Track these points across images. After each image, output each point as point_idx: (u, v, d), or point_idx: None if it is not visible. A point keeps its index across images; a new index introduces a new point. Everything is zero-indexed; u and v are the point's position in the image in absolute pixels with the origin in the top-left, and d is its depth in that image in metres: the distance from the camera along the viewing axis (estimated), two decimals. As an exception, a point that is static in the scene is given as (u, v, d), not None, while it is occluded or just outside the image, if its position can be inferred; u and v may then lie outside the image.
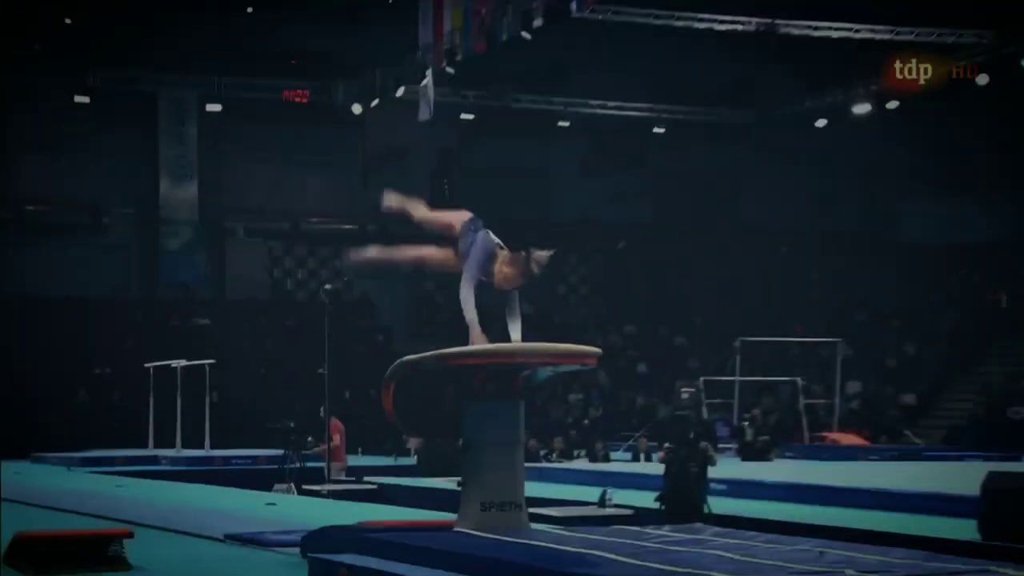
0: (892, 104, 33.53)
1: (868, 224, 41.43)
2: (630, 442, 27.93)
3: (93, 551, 9.78)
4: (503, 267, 8.96)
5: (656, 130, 37.92)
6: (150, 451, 26.59)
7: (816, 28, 30.03)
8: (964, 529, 11.06)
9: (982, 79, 30.51)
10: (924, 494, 13.73)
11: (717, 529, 9.60)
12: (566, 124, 37.34)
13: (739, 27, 29.79)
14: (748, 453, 24.99)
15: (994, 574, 6.61)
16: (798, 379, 32.71)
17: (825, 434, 30.32)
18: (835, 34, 30.36)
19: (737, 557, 7.20)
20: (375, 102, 32.68)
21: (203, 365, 26.51)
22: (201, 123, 36.26)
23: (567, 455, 25.71)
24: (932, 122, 36.14)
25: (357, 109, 33.54)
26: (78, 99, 32.98)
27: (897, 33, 30.04)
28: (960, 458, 24.45)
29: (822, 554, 7.50)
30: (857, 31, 30.29)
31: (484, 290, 8.64)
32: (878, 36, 30.25)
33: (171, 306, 35.53)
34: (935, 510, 12.93)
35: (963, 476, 14.18)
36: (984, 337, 36.69)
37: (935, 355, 36.62)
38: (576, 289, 42.32)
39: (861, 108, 34.66)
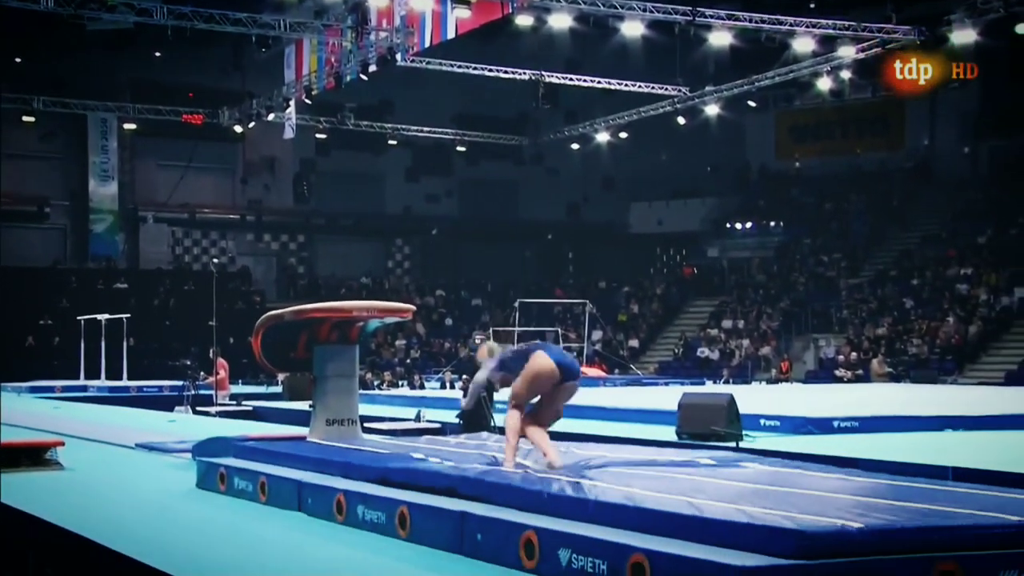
0: (623, 134, 34.13)
1: (606, 219, 42.22)
2: (439, 375, 27.98)
3: (34, 456, 9.55)
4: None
5: (459, 148, 37.89)
6: (81, 382, 25.67)
7: (571, 79, 30.43)
8: (667, 432, 11.37)
9: (681, 120, 31.23)
10: (640, 409, 14.04)
11: (496, 437, 9.69)
12: (394, 142, 37.06)
13: (516, 76, 29.98)
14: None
15: (692, 462, 6.82)
16: (558, 329, 33.21)
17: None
18: (584, 84, 30.81)
19: (502, 455, 7.26)
20: (252, 124, 31.90)
21: (122, 318, 25.67)
22: (120, 138, 35.42)
23: (393, 385, 25.62)
24: (649, 148, 37.04)
25: (238, 129, 32.72)
26: (26, 119, 31.85)
27: (618, 84, 30.55)
28: (666, 384, 25.14)
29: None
30: (599, 82, 30.80)
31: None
32: (612, 87, 30.81)
33: (98, 274, 34.64)
34: (648, 420, 13.25)
35: (667, 396, 14.62)
36: (682, 299, 37.81)
37: (651, 312, 37.58)
38: (401, 264, 42.16)
39: (603, 137, 35.24)
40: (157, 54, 32.22)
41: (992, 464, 8.14)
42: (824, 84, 28.96)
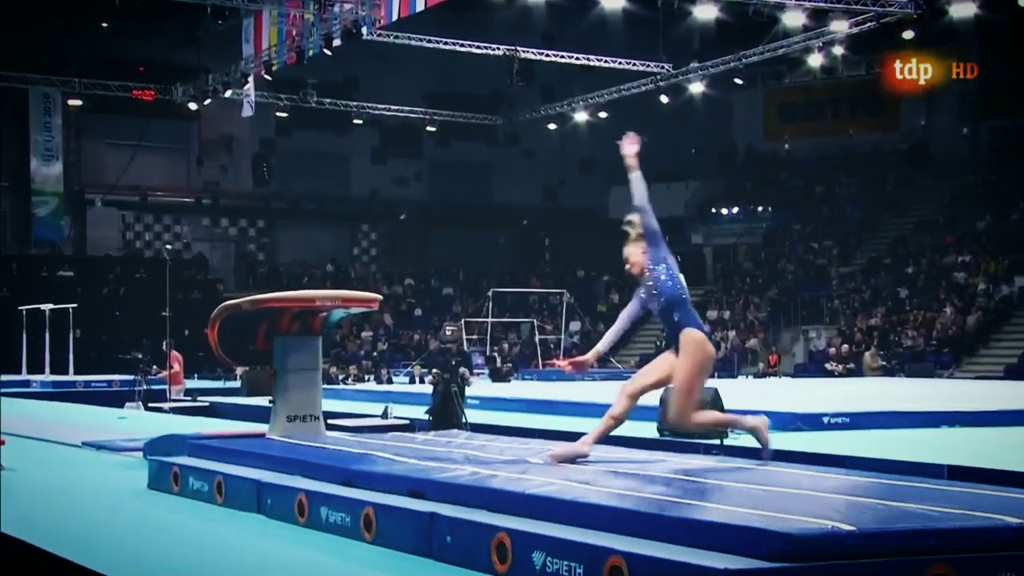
0: (603, 114, 34.15)
1: (585, 204, 42.27)
2: (408, 369, 27.96)
3: (-28, 457, 9.37)
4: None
5: (429, 128, 37.81)
6: (23, 376, 25.44)
7: (548, 55, 30.40)
8: (648, 429, 11.40)
9: (664, 99, 31.24)
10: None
11: (468, 434, 9.73)
12: (360, 122, 36.96)
13: (490, 51, 29.91)
14: (497, 376, 25.28)
15: (674, 460, 6.85)
16: (534, 320, 33.27)
17: (554, 361, 30.82)
18: (561, 60, 30.80)
19: (474, 453, 7.30)
20: (208, 101, 31.71)
21: (68, 309, 25.47)
22: (65, 114, 35.00)
23: (359, 379, 25.59)
24: (630, 129, 36.96)
25: (193, 106, 32.51)
26: (-38, 94, 31.34)
27: (597, 60, 30.55)
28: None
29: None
30: (577, 58, 30.79)
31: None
32: (591, 63, 30.81)
33: (41, 261, 34.30)
34: (628, 416, 13.27)
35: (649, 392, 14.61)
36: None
37: (634, 301, 37.67)
38: (367, 251, 42.08)
39: (581, 116, 35.26)
40: (104, 25, 31.97)
41: (990, 463, 8.23)
42: (815, 61, 29.13)
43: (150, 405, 17.86)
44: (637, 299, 6.95)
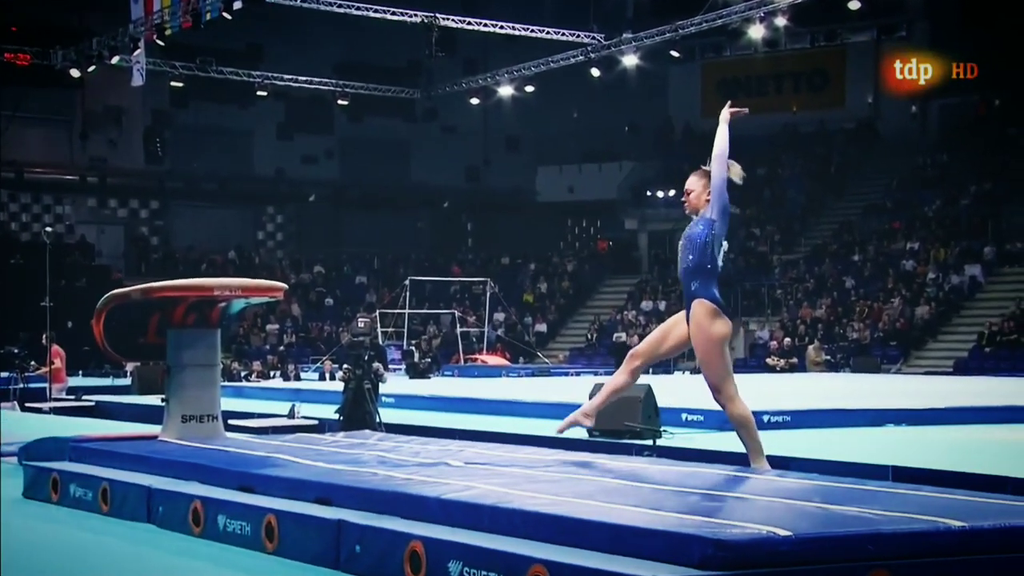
0: (530, 88, 34.19)
1: (511, 185, 42.36)
2: (318, 364, 27.85)
3: None
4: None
5: (340, 102, 37.55)
6: None
7: (470, 23, 30.37)
8: (575, 429, 11.44)
9: (595, 72, 31.34)
10: (546, 403, 14.14)
11: (381, 435, 9.74)
12: (264, 94, 36.58)
13: (406, 18, 29.80)
14: (414, 373, 25.23)
15: (600, 462, 6.92)
16: (455, 311, 33.29)
17: (476, 356, 30.98)
18: (484, 28, 30.80)
19: (388, 455, 7.32)
20: (92, 68, 31.06)
21: (-67, 298, 24.88)
22: (-73, 80, 34.11)
23: (263, 376, 25.40)
24: (559, 105, 37.23)
25: (76, 73, 31.84)
26: None
27: (523, 29, 30.59)
28: (577, 374, 25.37)
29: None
30: (502, 27, 30.82)
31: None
32: (517, 32, 30.82)
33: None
34: (555, 414, 13.36)
35: (577, 387, 14.69)
36: (596, 277, 38.21)
37: (561, 292, 37.89)
38: (273, 235, 41.78)
39: (506, 90, 35.28)
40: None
41: (937, 463, 8.41)
42: (756, 32, 29.44)
43: (27, 405, 17.54)
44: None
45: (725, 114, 6.94)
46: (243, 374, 24.79)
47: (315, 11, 28.90)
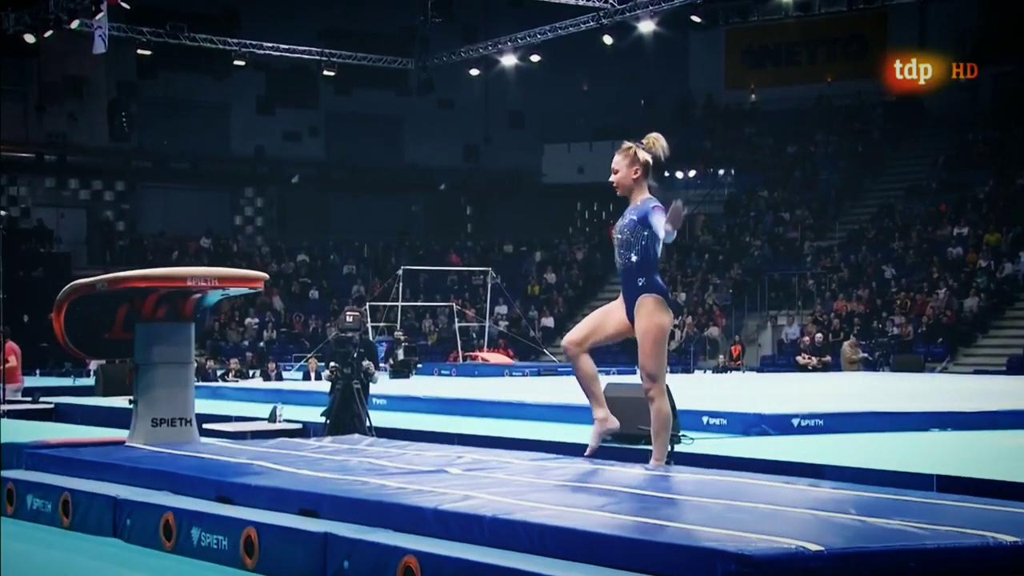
0: (536, 58, 34.16)
1: (513, 165, 42.35)
2: (302, 363, 27.89)
3: None
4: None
5: (327, 73, 37.54)
6: None
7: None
8: (585, 434, 11.46)
9: (607, 40, 31.28)
10: (553, 405, 14.15)
11: (372, 439, 9.74)
12: (242, 63, 36.57)
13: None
14: (395, 371, 25.00)
15: (613, 470, 6.93)
16: (453, 304, 33.35)
17: (476, 353, 31.02)
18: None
19: (379, 463, 7.34)
20: (49, 33, 31.01)
21: None
22: None
23: (242, 375, 25.46)
24: (568, 76, 37.18)
25: (31, 39, 31.80)
26: None
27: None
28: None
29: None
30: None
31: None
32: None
33: None
34: (563, 418, 13.38)
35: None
36: (608, 266, 38.14)
37: (569, 282, 37.90)
38: (252, 220, 41.82)
39: (509, 60, 35.25)
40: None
41: (987, 472, 8.40)
42: (788, -5, 29.40)
43: (-21, 408, 17.58)
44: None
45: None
46: (219, 373, 24.86)
47: (298, -28, 28.91)
